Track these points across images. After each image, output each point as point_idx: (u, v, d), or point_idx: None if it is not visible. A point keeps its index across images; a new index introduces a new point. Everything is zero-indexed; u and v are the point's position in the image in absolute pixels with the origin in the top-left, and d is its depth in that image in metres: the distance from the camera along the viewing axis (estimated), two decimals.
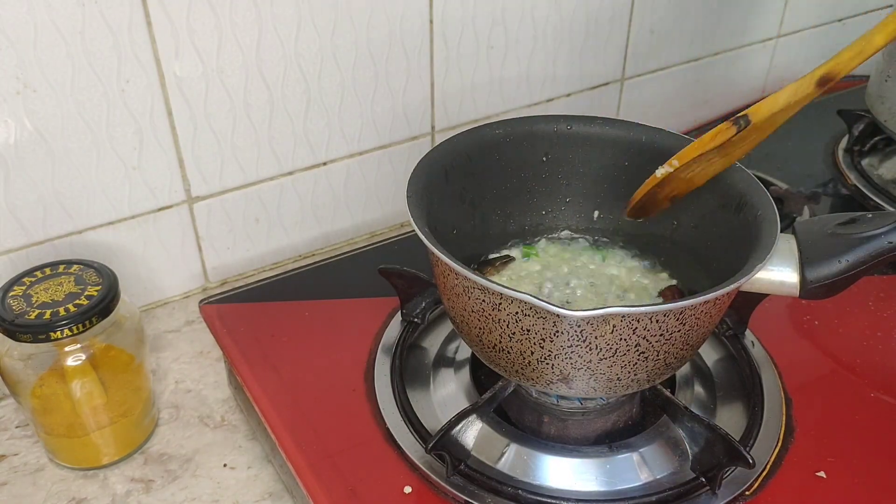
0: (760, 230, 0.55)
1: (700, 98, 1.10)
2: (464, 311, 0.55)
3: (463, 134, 0.64)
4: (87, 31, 0.66)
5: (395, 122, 0.86)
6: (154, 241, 0.79)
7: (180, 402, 0.72)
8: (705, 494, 0.57)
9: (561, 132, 0.66)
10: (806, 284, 0.54)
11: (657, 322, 0.50)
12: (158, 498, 0.64)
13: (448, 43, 0.84)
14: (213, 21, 0.71)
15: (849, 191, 0.91)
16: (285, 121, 0.79)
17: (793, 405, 0.64)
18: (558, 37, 0.91)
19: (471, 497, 0.56)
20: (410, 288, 0.69)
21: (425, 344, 0.70)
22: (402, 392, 0.64)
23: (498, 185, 0.66)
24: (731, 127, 0.55)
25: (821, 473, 0.59)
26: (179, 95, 0.73)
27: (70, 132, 0.69)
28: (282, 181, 0.83)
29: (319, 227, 0.88)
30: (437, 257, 0.53)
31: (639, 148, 0.65)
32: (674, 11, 0.99)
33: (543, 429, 0.61)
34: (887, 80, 0.90)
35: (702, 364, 0.68)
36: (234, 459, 0.67)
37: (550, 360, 0.52)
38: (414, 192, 0.57)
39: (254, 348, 0.68)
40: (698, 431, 0.59)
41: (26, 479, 0.66)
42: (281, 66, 0.76)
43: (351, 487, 0.57)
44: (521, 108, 0.94)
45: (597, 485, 0.58)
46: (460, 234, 0.64)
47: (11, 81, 0.65)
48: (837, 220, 0.56)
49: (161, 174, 0.76)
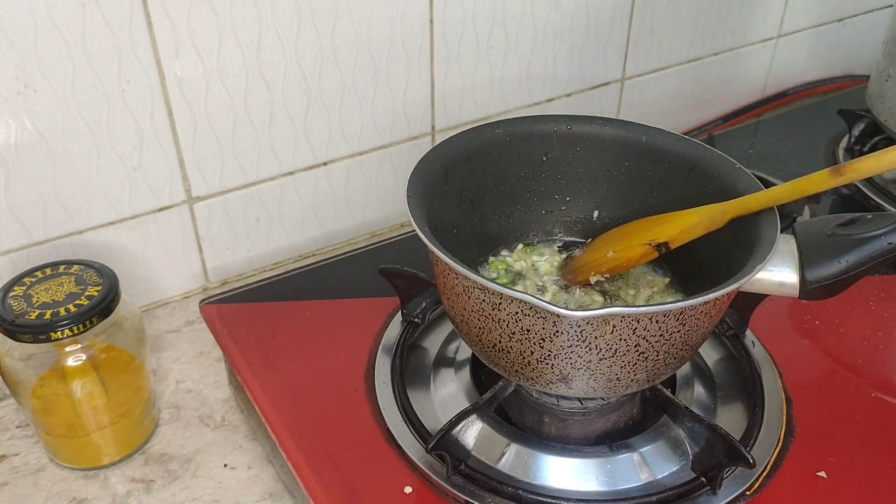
0: (760, 231, 0.55)
1: (700, 98, 1.10)
2: (463, 311, 0.55)
3: (462, 133, 0.64)
4: (87, 31, 0.66)
5: (396, 122, 0.86)
6: (154, 242, 0.79)
7: (181, 402, 0.72)
8: (706, 494, 0.57)
9: (561, 132, 0.66)
10: (805, 285, 0.54)
11: (657, 322, 0.50)
12: (159, 498, 0.64)
13: (448, 43, 0.84)
14: (214, 21, 0.71)
15: (849, 191, 0.91)
16: (285, 121, 0.79)
17: (793, 405, 0.64)
18: (559, 36, 0.91)
19: (471, 497, 0.56)
20: (411, 288, 0.69)
21: (426, 344, 0.70)
22: (403, 392, 0.64)
23: (497, 185, 0.66)
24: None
25: (821, 473, 0.59)
26: (180, 95, 0.73)
27: (70, 132, 0.69)
28: (282, 181, 0.83)
29: (320, 227, 0.88)
30: (437, 257, 0.53)
31: (639, 148, 0.65)
32: (674, 11, 0.99)
33: (544, 429, 0.61)
34: (887, 79, 0.90)
35: (702, 364, 0.68)
36: (234, 459, 0.67)
37: (550, 360, 0.52)
38: (414, 191, 0.57)
39: (254, 348, 0.68)
40: (699, 431, 0.59)
41: (27, 479, 0.66)
42: (281, 66, 0.76)
43: (351, 487, 0.57)
44: (521, 108, 0.94)
45: (597, 485, 0.58)
46: (460, 234, 0.64)
47: (12, 81, 0.65)
48: (837, 220, 0.56)
49: (161, 174, 0.76)
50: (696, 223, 0.59)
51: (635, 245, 0.61)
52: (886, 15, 0.94)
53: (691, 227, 0.59)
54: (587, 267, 0.63)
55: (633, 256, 0.61)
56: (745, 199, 0.57)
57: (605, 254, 0.62)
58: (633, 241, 0.62)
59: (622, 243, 0.62)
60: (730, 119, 1.13)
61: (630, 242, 0.62)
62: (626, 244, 0.62)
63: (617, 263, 0.62)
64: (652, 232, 0.61)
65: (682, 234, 0.59)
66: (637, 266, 0.63)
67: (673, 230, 0.60)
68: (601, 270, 0.62)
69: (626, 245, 0.62)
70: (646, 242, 0.60)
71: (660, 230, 0.61)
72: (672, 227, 0.60)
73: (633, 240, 0.62)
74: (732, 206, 0.57)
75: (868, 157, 0.53)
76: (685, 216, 0.60)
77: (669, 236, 0.60)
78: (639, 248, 0.60)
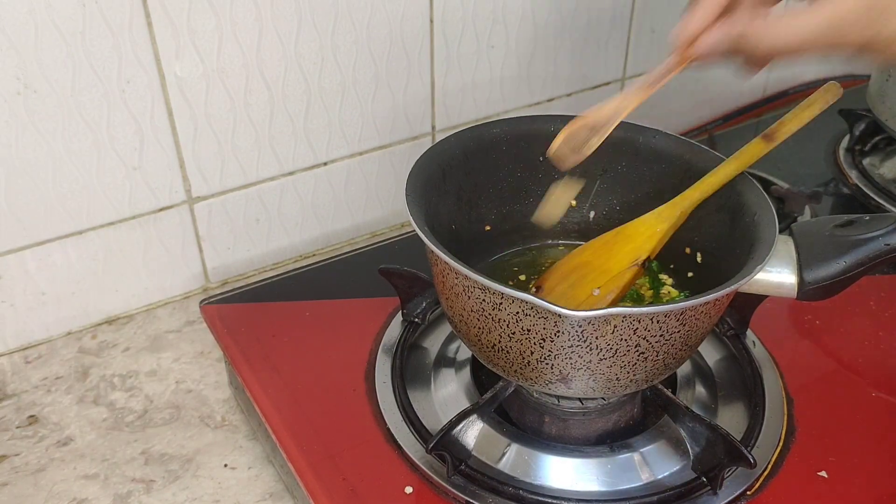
0: (759, 232, 0.55)
1: (701, 98, 1.10)
2: (463, 311, 0.55)
3: (460, 133, 0.64)
4: (87, 31, 0.66)
5: (396, 122, 0.86)
6: (154, 242, 0.79)
7: (181, 402, 0.72)
8: (706, 494, 0.57)
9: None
10: (804, 286, 0.54)
11: (658, 322, 0.50)
12: (159, 498, 0.64)
13: (448, 42, 0.84)
14: (214, 21, 0.71)
15: (850, 190, 0.91)
16: (286, 121, 0.79)
17: (794, 405, 0.64)
18: (559, 36, 0.91)
19: (472, 497, 0.56)
20: (411, 288, 0.69)
21: (426, 344, 0.70)
22: (403, 392, 0.64)
23: (495, 185, 0.66)
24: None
25: (822, 473, 0.59)
26: (180, 95, 0.73)
27: (70, 132, 0.69)
28: (282, 181, 0.83)
29: (320, 227, 0.88)
30: (436, 256, 0.53)
31: (635, 149, 0.65)
32: (674, 11, 0.98)
33: (544, 429, 0.61)
34: (888, 79, 0.90)
35: (703, 364, 0.68)
36: (234, 460, 0.67)
37: (550, 360, 0.52)
38: (413, 190, 0.57)
39: (254, 348, 0.68)
40: (699, 431, 0.59)
41: (27, 479, 0.66)
42: (281, 66, 0.76)
43: (351, 487, 0.57)
44: (521, 107, 0.94)
45: (598, 485, 0.58)
46: (458, 233, 0.64)
47: (12, 81, 0.65)
48: (835, 221, 0.56)
49: (161, 174, 0.76)
50: (667, 228, 0.60)
51: (620, 272, 0.60)
52: None
53: (664, 234, 0.60)
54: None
55: (625, 283, 0.60)
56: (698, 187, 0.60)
57: (589, 293, 0.61)
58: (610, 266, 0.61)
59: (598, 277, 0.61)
60: (730, 119, 1.13)
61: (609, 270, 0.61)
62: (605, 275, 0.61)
63: (615, 296, 0.60)
64: (624, 252, 0.61)
65: (658, 243, 0.60)
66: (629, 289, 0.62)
67: (649, 243, 0.60)
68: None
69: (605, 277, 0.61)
70: (630, 264, 0.60)
71: (635, 246, 0.61)
72: (647, 241, 0.61)
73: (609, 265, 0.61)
74: (689, 197, 0.60)
75: (790, 118, 0.60)
76: (653, 225, 0.61)
77: (649, 250, 0.60)
78: (627, 272, 0.60)
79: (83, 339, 0.78)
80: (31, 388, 0.73)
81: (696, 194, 0.60)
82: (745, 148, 0.60)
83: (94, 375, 0.74)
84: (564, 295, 0.61)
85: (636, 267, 0.60)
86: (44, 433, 0.69)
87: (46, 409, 0.71)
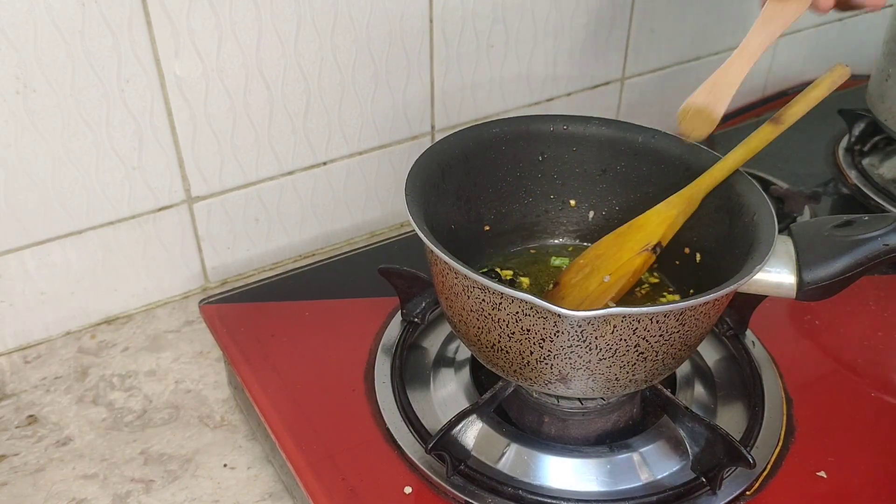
0: (758, 232, 0.55)
1: None
2: (462, 311, 0.55)
3: (459, 133, 0.64)
4: (87, 31, 0.66)
5: (395, 122, 0.86)
6: (154, 241, 0.79)
7: (180, 402, 0.72)
8: (706, 495, 0.57)
9: (557, 132, 0.66)
10: (802, 286, 0.54)
11: (657, 322, 0.50)
12: (158, 498, 0.64)
13: (448, 42, 0.84)
14: (213, 21, 0.71)
15: (849, 190, 0.91)
16: (285, 120, 0.79)
17: (793, 405, 0.64)
18: (559, 36, 0.91)
19: (471, 497, 0.56)
20: (410, 288, 0.69)
21: (425, 344, 0.70)
22: (402, 392, 0.64)
23: (494, 185, 0.66)
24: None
25: (821, 473, 0.59)
26: (179, 95, 0.73)
27: (70, 132, 0.69)
28: (282, 181, 0.83)
29: (319, 227, 0.88)
30: (436, 256, 0.53)
31: (634, 149, 0.65)
32: (674, 11, 0.99)
33: (544, 429, 0.61)
34: (888, 79, 0.90)
35: (702, 364, 0.68)
36: (234, 459, 0.67)
37: (549, 360, 0.52)
38: (412, 190, 0.57)
39: (254, 348, 0.68)
40: (699, 431, 0.59)
41: (26, 479, 0.66)
42: (281, 66, 0.76)
43: (351, 487, 0.57)
44: (521, 107, 0.94)
45: (597, 485, 0.58)
46: (457, 233, 0.64)
47: (11, 81, 0.65)
48: (834, 221, 0.56)
49: (161, 174, 0.76)
50: (677, 214, 0.60)
51: (630, 258, 0.61)
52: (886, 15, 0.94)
53: (675, 219, 0.60)
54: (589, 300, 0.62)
55: (635, 268, 0.61)
56: (709, 174, 0.60)
57: (600, 280, 0.61)
58: (622, 255, 0.61)
59: (610, 264, 0.62)
60: (730, 119, 1.13)
61: (620, 258, 0.61)
62: (616, 262, 0.61)
63: (625, 283, 0.61)
64: (636, 239, 0.61)
65: (669, 228, 0.61)
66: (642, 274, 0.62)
67: (659, 228, 0.61)
68: (612, 298, 0.61)
69: (616, 264, 0.61)
70: (641, 249, 0.60)
71: (646, 233, 0.61)
72: (657, 226, 0.61)
73: (621, 254, 0.61)
74: (700, 184, 0.60)
75: (798, 100, 0.61)
76: (664, 211, 0.61)
77: (660, 235, 0.60)
78: (637, 258, 0.61)
79: (82, 339, 0.78)
80: (31, 388, 0.73)
81: (706, 180, 0.60)
82: (753, 134, 0.60)
83: (94, 375, 0.74)
84: (578, 286, 0.62)
85: (647, 252, 0.60)
86: (43, 433, 0.69)
87: (45, 408, 0.71)
